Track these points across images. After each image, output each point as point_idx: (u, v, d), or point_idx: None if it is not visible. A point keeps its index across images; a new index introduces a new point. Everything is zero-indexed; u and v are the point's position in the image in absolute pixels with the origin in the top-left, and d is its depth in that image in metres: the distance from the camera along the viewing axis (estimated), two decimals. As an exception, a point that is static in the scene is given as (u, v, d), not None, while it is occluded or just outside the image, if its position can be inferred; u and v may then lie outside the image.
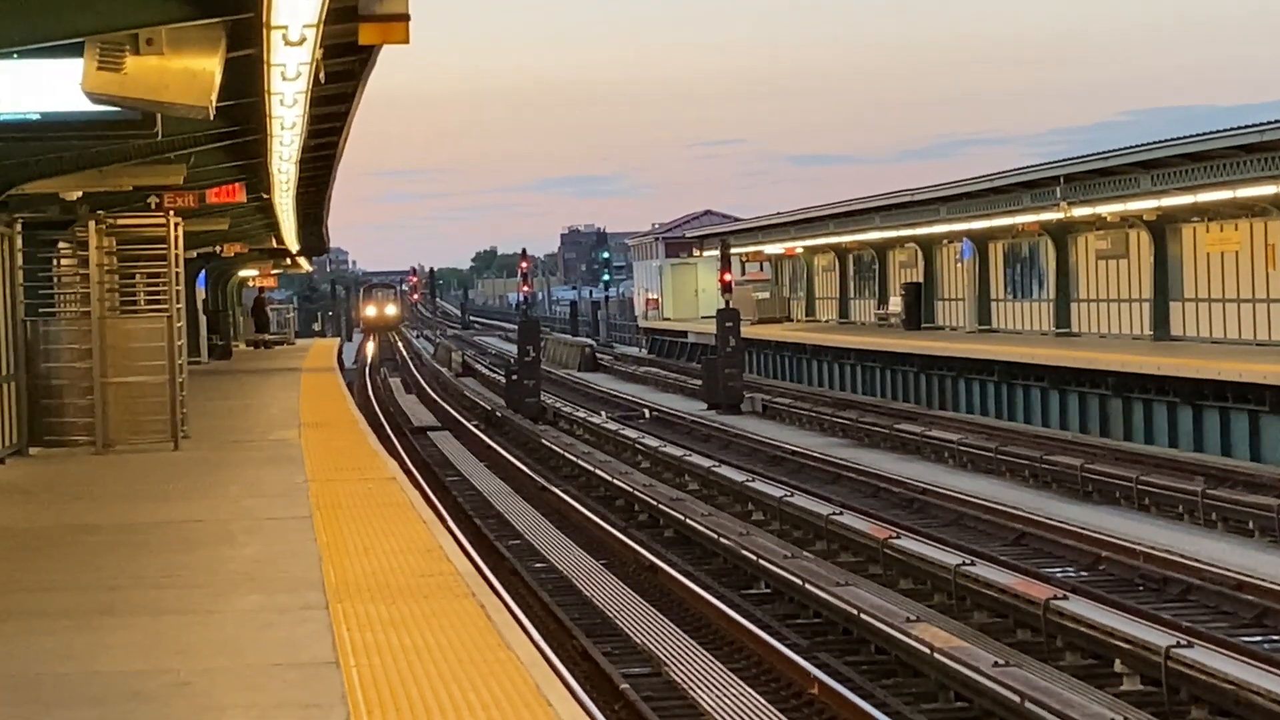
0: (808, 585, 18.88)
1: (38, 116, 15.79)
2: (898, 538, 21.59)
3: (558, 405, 49.24)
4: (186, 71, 12.77)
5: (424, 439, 42.20)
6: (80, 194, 22.51)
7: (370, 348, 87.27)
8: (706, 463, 31.82)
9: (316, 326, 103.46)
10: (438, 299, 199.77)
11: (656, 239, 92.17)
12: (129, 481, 19.22)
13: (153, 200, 24.68)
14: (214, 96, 13.04)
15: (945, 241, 54.38)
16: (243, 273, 64.51)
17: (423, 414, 50.63)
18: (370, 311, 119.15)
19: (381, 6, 12.33)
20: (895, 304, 58.01)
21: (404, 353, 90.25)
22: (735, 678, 15.67)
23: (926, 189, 50.30)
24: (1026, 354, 40.77)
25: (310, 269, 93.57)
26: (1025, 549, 22.96)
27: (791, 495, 26.31)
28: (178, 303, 23.02)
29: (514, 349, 58.15)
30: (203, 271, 49.88)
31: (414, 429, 44.91)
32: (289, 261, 62.37)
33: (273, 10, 11.22)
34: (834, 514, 23.96)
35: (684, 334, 75.21)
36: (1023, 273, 49.85)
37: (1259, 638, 17.11)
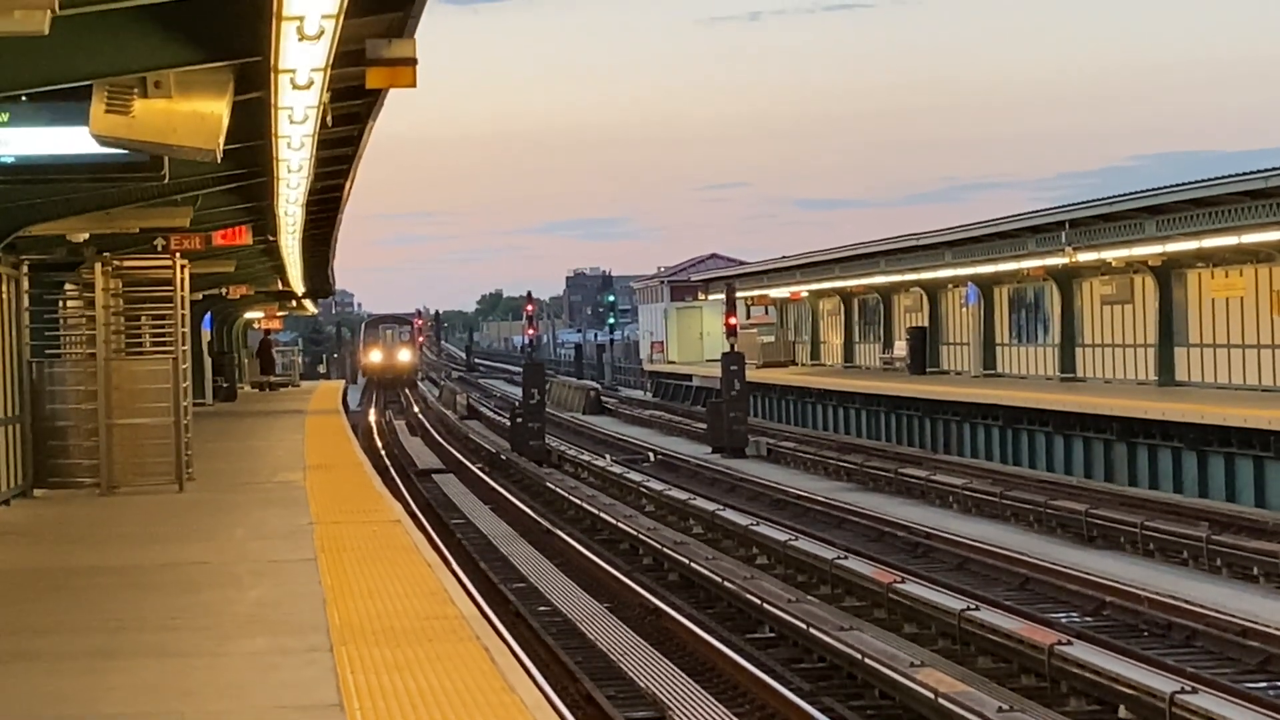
0: (812, 629, 18.85)
1: (45, 159, 15.83)
2: (902, 582, 21.55)
3: (562, 448, 49.23)
4: (194, 114, 12.82)
5: (428, 482, 42.18)
6: (87, 236, 22.55)
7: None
8: (711, 506, 31.79)
9: (321, 369, 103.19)
10: (443, 341, 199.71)
11: (662, 282, 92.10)
12: (134, 523, 19.21)
13: (159, 242, 24.72)
14: (221, 139, 13.09)
15: (950, 286, 54.41)
16: (248, 315, 64.58)
17: (427, 457, 50.61)
18: (375, 357, 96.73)
19: (389, 51, 12.41)
20: (900, 348, 58.01)
21: (408, 395, 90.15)
22: (739, 722, 15.63)
23: (932, 233, 50.35)
24: (1031, 399, 40.76)
25: (316, 311, 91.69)
26: (1030, 594, 22.92)
27: (796, 539, 26.28)
28: (183, 344, 23.05)
29: (519, 392, 58.14)
30: (208, 313, 49.93)
31: (419, 471, 44.88)
32: (294, 304, 62.37)
33: (281, 54, 11.27)
34: (838, 558, 23.94)
35: (689, 377, 75.20)
36: (1028, 317, 49.87)
37: (1264, 684, 17.09)
